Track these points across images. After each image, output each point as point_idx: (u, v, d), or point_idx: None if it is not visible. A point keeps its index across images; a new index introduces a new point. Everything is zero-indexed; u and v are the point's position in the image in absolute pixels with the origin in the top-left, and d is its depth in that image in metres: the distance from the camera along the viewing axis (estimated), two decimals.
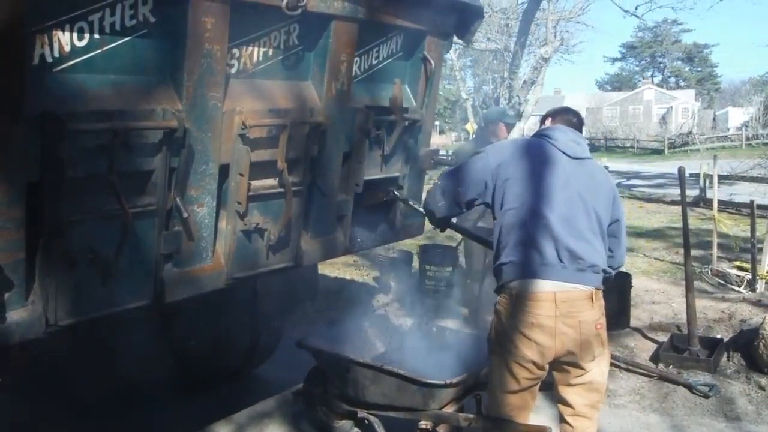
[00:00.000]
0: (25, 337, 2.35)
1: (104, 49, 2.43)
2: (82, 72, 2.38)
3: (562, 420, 2.88)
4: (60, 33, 2.29)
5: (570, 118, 3.05)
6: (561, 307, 2.66)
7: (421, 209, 3.45)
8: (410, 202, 3.80)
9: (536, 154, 2.86)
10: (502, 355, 2.78)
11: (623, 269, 6.59)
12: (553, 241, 2.69)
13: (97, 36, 2.40)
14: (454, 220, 3.39)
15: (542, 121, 3.14)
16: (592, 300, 2.71)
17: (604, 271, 2.78)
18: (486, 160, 2.87)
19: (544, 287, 2.68)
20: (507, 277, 2.76)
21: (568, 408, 2.83)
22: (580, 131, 3.02)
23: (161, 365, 4.04)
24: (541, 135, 2.95)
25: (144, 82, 2.59)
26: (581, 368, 2.76)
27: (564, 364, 2.77)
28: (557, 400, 2.90)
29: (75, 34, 2.33)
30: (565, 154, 2.84)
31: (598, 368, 2.79)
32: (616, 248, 2.94)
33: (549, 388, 2.95)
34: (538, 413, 3.15)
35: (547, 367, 2.77)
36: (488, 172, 2.83)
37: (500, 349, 2.79)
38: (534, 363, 2.71)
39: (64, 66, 2.32)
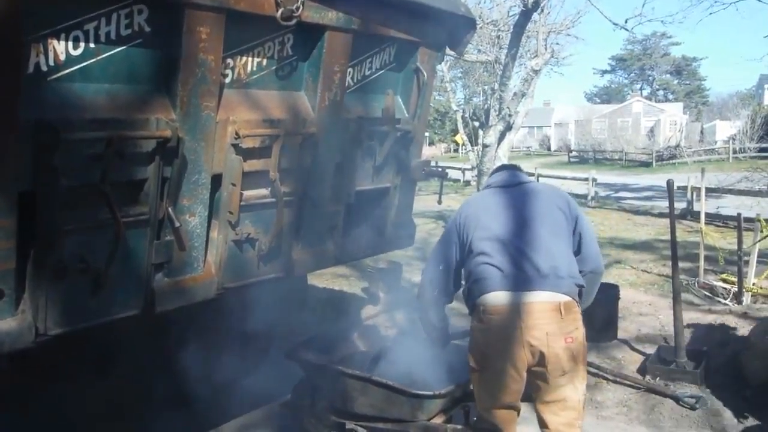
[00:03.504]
0: (15, 347, 2.33)
1: (99, 58, 2.44)
2: (76, 81, 2.39)
3: None
4: (55, 42, 2.30)
5: (503, 167, 3.30)
6: (525, 318, 2.69)
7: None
8: None
9: (480, 198, 3.14)
10: (480, 370, 2.83)
11: (611, 281, 6.67)
12: (509, 252, 2.78)
13: (92, 45, 2.40)
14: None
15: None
16: (561, 312, 2.71)
17: (572, 277, 2.79)
18: (450, 225, 3.06)
19: (506, 299, 2.74)
20: (474, 296, 2.83)
21: (545, 428, 2.84)
22: (516, 169, 3.20)
23: (149, 376, 4.01)
24: (483, 188, 3.21)
25: (138, 91, 2.60)
26: (550, 383, 2.76)
27: (535, 377, 2.78)
28: (537, 418, 2.89)
29: (70, 43, 2.34)
30: (501, 187, 3.05)
31: (571, 385, 2.78)
32: (587, 250, 2.94)
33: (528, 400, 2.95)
34: (527, 425, 3.15)
35: (524, 379, 2.77)
36: (454, 232, 2.99)
37: (476, 365, 2.85)
38: (509, 375, 2.73)
39: (58, 75, 2.33)
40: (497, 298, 2.75)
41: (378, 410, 3.37)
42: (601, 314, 5.32)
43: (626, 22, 14.14)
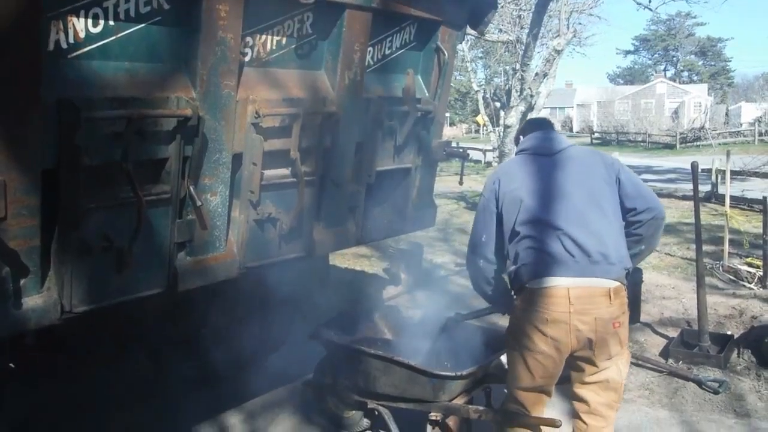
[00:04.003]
0: (41, 323, 2.36)
1: (119, 35, 2.43)
2: (96, 59, 2.38)
3: (576, 416, 2.86)
4: (75, 19, 2.29)
5: (537, 125, 3.16)
6: (575, 303, 2.65)
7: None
8: None
9: (517, 168, 2.99)
10: (520, 350, 2.79)
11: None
12: (557, 237, 2.72)
13: (111, 22, 2.39)
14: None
15: (516, 142, 3.22)
16: (610, 297, 2.69)
17: (620, 261, 2.74)
18: (485, 197, 2.97)
19: (557, 283, 2.69)
20: (523, 278, 2.78)
21: (584, 405, 2.82)
22: (551, 128, 3.11)
23: (173, 354, 4.05)
24: (518, 152, 3.08)
25: (158, 69, 2.58)
26: (597, 365, 2.75)
27: (579, 360, 2.76)
28: (572, 397, 2.88)
29: (90, 21, 2.33)
30: (540, 155, 2.94)
31: (615, 367, 2.77)
32: (642, 201, 2.84)
33: (563, 382, 2.94)
34: (550, 408, 3.13)
35: (563, 363, 2.76)
36: (493, 201, 2.92)
37: (517, 345, 2.81)
38: (550, 358, 2.71)
39: (79, 52, 2.32)
40: (546, 282, 2.71)
41: (400, 390, 3.38)
42: None
43: (650, 2, 13.93)
